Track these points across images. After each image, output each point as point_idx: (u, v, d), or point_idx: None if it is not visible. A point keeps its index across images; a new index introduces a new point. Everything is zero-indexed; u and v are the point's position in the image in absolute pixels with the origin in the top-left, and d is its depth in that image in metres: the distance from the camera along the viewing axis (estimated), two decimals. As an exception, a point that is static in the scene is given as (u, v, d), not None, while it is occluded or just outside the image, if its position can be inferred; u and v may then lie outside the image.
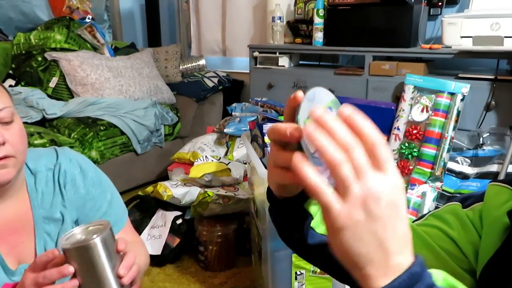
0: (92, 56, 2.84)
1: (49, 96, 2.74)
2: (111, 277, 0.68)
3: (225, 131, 2.31)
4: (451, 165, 1.93)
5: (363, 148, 0.40)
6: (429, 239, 0.65)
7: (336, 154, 0.39)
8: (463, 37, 2.00)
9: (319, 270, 1.46)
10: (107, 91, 2.76)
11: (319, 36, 2.55)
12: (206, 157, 2.15)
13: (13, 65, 2.85)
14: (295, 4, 2.81)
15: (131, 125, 2.63)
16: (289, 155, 0.44)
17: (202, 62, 3.45)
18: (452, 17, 2.04)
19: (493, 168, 1.84)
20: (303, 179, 0.40)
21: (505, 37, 1.89)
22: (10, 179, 0.82)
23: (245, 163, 2.17)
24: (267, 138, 0.50)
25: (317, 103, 0.45)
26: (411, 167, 1.96)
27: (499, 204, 0.59)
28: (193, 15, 3.68)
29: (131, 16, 3.93)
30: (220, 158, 2.20)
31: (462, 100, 1.93)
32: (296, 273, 1.46)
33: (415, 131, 1.99)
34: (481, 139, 1.95)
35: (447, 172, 1.92)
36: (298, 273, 1.46)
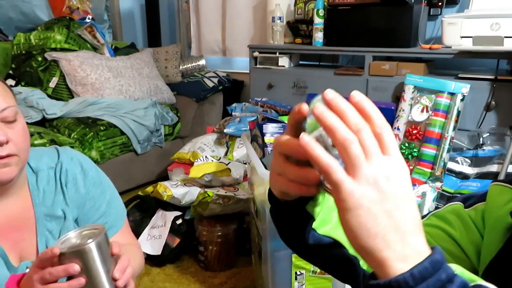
0: (92, 56, 2.83)
1: (49, 96, 2.74)
2: (105, 281, 0.70)
3: (225, 131, 2.31)
4: (451, 165, 1.93)
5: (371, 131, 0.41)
6: (430, 239, 0.65)
7: (347, 133, 0.40)
8: (463, 37, 2.00)
9: (319, 270, 1.46)
10: (107, 91, 2.76)
11: (319, 36, 2.55)
12: (206, 157, 2.15)
13: (13, 65, 2.85)
14: (295, 4, 2.81)
15: (131, 125, 2.63)
16: (298, 170, 0.45)
17: (202, 62, 3.45)
18: (452, 17, 2.04)
19: (493, 168, 1.84)
20: (314, 159, 0.40)
21: (505, 37, 1.89)
22: (13, 177, 0.84)
23: (245, 163, 2.17)
24: (273, 149, 0.50)
25: None
26: (411, 167, 1.96)
27: (501, 204, 0.59)
28: (193, 15, 3.68)
29: (131, 16, 3.93)
30: (220, 158, 2.20)
31: (462, 100, 1.93)
32: (296, 273, 1.46)
33: (415, 131, 1.99)
34: (481, 139, 1.95)
35: (447, 172, 1.92)
36: (298, 273, 1.46)
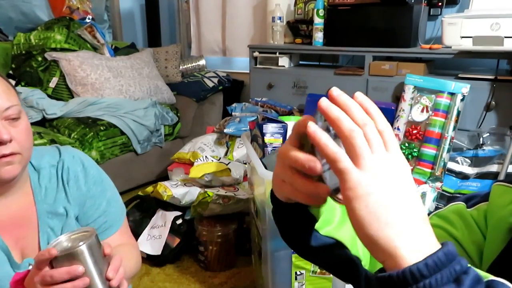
0: (92, 56, 2.84)
1: (49, 96, 2.74)
2: (99, 282, 0.71)
3: (225, 131, 2.31)
4: (451, 165, 1.93)
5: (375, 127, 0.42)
6: None
7: (352, 125, 0.41)
8: (463, 37, 2.00)
9: (319, 270, 1.46)
10: (107, 91, 2.76)
11: (319, 36, 2.55)
12: (206, 157, 2.15)
13: (13, 65, 2.85)
14: (295, 4, 2.81)
15: (131, 125, 2.63)
16: (309, 185, 0.45)
17: (202, 62, 3.45)
18: (452, 17, 2.04)
19: (493, 168, 1.84)
20: (321, 147, 0.41)
21: (505, 37, 1.89)
22: (16, 175, 0.84)
23: (245, 163, 2.17)
24: (279, 158, 0.51)
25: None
26: (411, 167, 1.96)
27: (504, 204, 0.59)
28: (193, 15, 3.69)
29: (131, 16, 3.93)
30: (220, 158, 2.20)
31: (462, 100, 1.93)
32: (296, 273, 1.46)
33: (415, 131, 1.99)
34: (481, 139, 1.95)
35: (447, 172, 1.92)
36: (298, 273, 1.46)
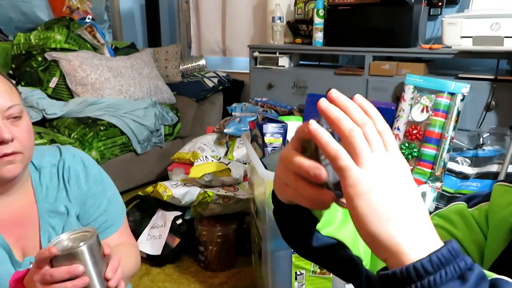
0: (92, 56, 2.84)
1: (49, 96, 2.74)
2: (97, 282, 0.71)
3: (225, 131, 2.31)
4: (451, 165, 1.93)
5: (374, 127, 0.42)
6: None
7: (352, 124, 0.41)
8: (463, 37, 2.00)
9: (319, 270, 1.46)
10: (107, 91, 2.76)
11: (319, 36, 2.55)
12: (206, 157, 2.15)
13: (13, 65, 2.85)
14: (295, 4, 2.81)
15: (131, 125, 2.63)
16: (313, 191, 0.45)
17: (202, 62, 3.45)
18: (452, 17, 2.04)
19: (493, 168, 1.84)
20: (322, 145, 0.41)
21: (505, 37, 1.89)
22: (17, 174, 0.85)
23: (245, 163, 2.17)
24: (281, 161, 0.51)
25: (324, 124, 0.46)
26: (411, 167, 1.96)
27: (505, 204, 0.59)
28: (193, 15, 3.69)
29: (131, 16, 3.93)
30: (220, 158, 2.20)
31: (462, 100, 1.93)
32: (296, 273, 1.46)
33: (415, 131, 1.99)
34: (481, 139, 1.95)
35: (447, 172, 1.92)
36: (298, 273, 1.46)
